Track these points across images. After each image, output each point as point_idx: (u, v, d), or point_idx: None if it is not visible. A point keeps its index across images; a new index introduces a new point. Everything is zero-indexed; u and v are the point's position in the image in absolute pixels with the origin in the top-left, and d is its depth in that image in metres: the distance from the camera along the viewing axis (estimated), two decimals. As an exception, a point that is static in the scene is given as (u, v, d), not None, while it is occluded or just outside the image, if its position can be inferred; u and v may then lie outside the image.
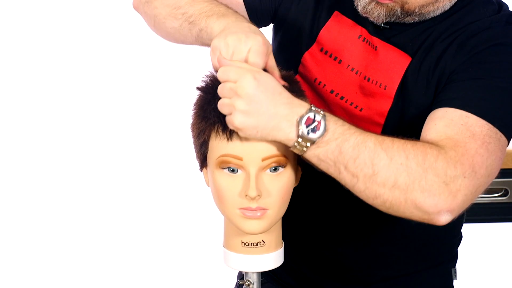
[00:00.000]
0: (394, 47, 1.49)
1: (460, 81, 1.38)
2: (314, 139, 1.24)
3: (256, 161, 1.29)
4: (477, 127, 1.31)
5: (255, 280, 1.40)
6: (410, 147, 1.25)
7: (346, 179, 1.27)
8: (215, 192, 1.34)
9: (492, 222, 2.28)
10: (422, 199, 1.24)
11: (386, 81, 1.49)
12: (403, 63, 1.48)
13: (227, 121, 1.26)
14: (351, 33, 1.53)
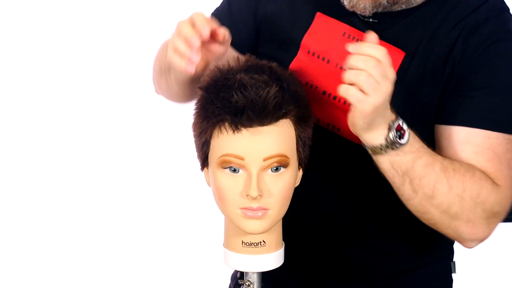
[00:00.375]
0: (386, 42, 1.47)
1: (471, 91, 1.42)
2: (398, 146, 1.32)
3: (257, 161, 1.29)
4: (499, 145, 1.40)
5: (255, 280, 1.40)
6: (468, 179, 1.36)
7: (406, 192, 1.37)
8: (216, 191, 1.34)
9: (492, 222, 2.27)
10: (464, 229, 1.38)
11: None
12: (397, 59, 1.46)
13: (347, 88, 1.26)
14: (336, 32, 1.52)
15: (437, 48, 1.45)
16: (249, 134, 1.29)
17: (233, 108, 1.28)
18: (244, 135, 1.29)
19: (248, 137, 1.29)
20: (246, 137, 1.29)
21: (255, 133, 1.29)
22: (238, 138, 1.29)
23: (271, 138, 1.29)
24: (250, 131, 1.29)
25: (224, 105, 1.29)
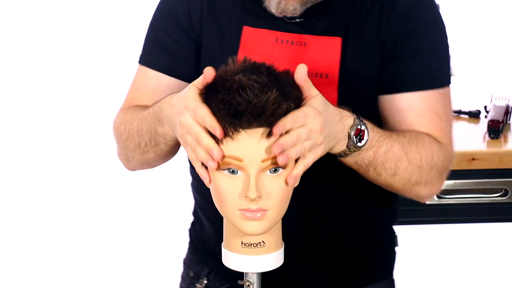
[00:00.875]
0: (321, 35, 1.52)
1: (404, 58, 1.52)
2: (360, 147, 1.39)
3: (256, 162, 1.29)
4: (436, 102, 1.53)
5: (255, 280, 1.40)
6: (421, 148, 1.47)
7: (370, 176, 1.48)
8: (215, 193, 1.33)
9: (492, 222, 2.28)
10: (423, 191, 1.51)
11: (325, 69, 1.53)
12: (335, 46, 1.52)
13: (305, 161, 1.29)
14: (267, 40, 1.54)
15: (366, 26, 1.52)
16: (247, 135, 1.29)
17: (233, 110, 1.28)
18: (243, 136, 1.29)
19: (246, 138, 1.28)
20: (245, 138, 1.28)
21: (253, 135, 1.29)
22: (237, 140, 1.29)
23: (269, 140, 1.29)
24: (248, 132, 1.29)
25: (223, 107, 1.29)
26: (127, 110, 1.57)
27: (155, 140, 1.47)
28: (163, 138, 1.45)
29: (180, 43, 1.58)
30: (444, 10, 2.45)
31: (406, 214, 2.17)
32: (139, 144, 1.51)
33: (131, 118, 1.53)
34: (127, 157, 1.58)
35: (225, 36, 1.56)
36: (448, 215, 2.18)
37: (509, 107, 2.32)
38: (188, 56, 1.58)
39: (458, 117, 2.38)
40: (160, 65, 1.59)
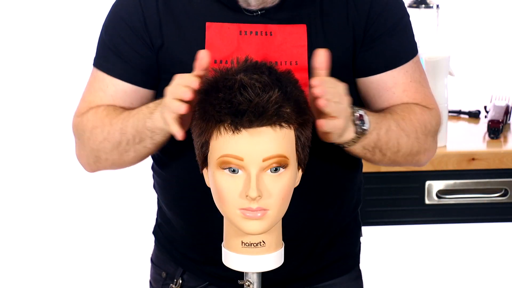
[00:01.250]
0: (285, 24, 1.55)
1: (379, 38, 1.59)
2: (366, 130, 1.45)
3: (257, 162, 1.29)
4: (414, 72, 1.61)
5: (255, 280, 1.40)
6: (414, 120, 1.55)
7: (376, 158, 1.53)
8: (216, 192, 1.33)
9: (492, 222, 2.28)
10: (423, 158, 1.59)
11: (294, 56, 1.55)
12: (301, 33, 1.56)
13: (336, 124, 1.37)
14: (232, 34, 1.55)
15: (334, 11, 1.57)
16: (248, 134, 1.29)
17: (234, 109, 1.28)
18: (244, 135, 1.29)
19: (247, 137, 1.29)
20: (246, 137, 1.29)
21: (254, 134, 1.29)
22: (238, 139, 1.29)
23: (270, 139, 1.29)
24: (249, 131, 1.29)
25: (224, 106, 1.29)
26: (95, 111, 1.57)
27: (140, 136, 1.49)
28: (150, 133, 1.47)
29: (136, 50, 1.58)
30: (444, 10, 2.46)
31: (406, 214, 2.17)
32: (119, 143, 1.52)
33: (109, 120, 1.54)
34: (98, 158, 1.58)
35: (188, 35, 1.56)
36: (448, 215, 2.18)
37: (509, 107, 2.32)
38: (145, 62, 1.58)
39: (458, 117, 2.38)
40: (117, 71, 1.59)
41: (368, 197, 2.13)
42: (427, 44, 2.43)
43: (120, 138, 1.52)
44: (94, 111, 1.57)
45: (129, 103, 1.58)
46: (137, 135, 1.49)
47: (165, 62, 1.58)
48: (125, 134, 1.51)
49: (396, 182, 2.13)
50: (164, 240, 1.75)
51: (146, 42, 1.57)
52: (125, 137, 1.51)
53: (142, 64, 1.58)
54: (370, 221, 2.17)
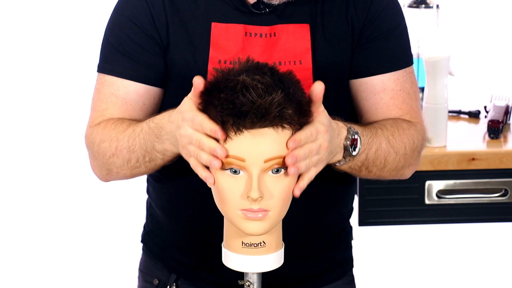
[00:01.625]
0: (289, 23, 1.56)
1: (374, 41, 1.58)
2: (355, 156, 1.45)
3: (258, 163, 1.29)
4: (405, 81, 1.60)
5: (255, 280, 1.40)
6: (404, 137, 1.55)
7: (362, 174, 1.54)
8: (217, 193, 1.33)
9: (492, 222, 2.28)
10: (407, 172, 1.60)
11: (298, 56, 1.55)
12: (304, 33, 1.56)
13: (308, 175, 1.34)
14: (237, 35, 1.55)
15: (334, 11, 1.57)
16: (250, 135, 1.29)
17: (236, 110, 1.28)
18: (246, 136, 1.29)
19: (249, 138, 1.28)
20: (247, 138, 1.28)
21: (256, 135, 1.29)
22: (239, 140, 1.29)
23: (272, 140, 1.29)
24: (251, 132, 1.29)
25: (226, 106, 1.29)
26: (105, 125, 1.55)
27: (151, 156, 1.48)
28: (161, 155, 1.46)
29: (146, 48, 1.56)
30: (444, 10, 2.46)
31: (406, 214, 2.17)
32: (128, 160, 1.51)
33: (116, 135, 1.52)
34: (109, 171, 1.56)
35: (194, 35, 1.56)
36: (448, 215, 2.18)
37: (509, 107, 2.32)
38: (156, 60, 1.57)
39: (458, 117, 2.38)
40: (127, 72, 1.57)
41: (368, 197, 2.13)
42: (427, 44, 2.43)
43: (129, 156, 1.51)
44: (104, 124, 1.55)
45: (142, 104, 1.57)
46: (147, 155, 1.48)
47: (171, 62, 1.57)
48: (134, 152, 1.50)
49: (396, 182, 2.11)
50: (155, 247, 1.74)
51: (156, 40, 1.56)
52: (134, 155, 1.50)
53: (154, 63, 1.57)
54: (370, 221, 2.17)
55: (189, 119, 1.32)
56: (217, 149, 1.28)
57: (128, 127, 1.51)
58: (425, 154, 2.11)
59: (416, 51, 2.43)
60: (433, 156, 2.11)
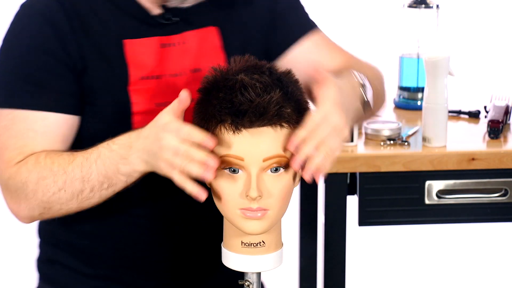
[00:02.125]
0: (197, 29, 1.54)
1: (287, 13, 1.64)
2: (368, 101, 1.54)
3: (257, 162, 1.29)
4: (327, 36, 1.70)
5: (255, 280, 1.40)
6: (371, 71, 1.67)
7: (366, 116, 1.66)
8: (215, 192, 1.33)
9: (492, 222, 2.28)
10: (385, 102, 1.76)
11: (214, 60, 1.53)
12: (213, 36, 1.55)
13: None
14: (153, 47, 1.52)
15: (244, 10, 1.58)
16: (249, 134, 1.29)
17: (235, 109, 1.28)
18: (244, 135, 1.29)
19: (248, 137, 1.29)
20: (246, 137, 1.29)
21: (255, 134, 1.29)
22: (238, 139, 1.29)
23: (271, 139, 1.29)
24: (250, 131, 1.29)
25: (225, 106, 1.29)
26: (35, 161, 1.43)
27: (111, 181, 1.40)
28: (126, 177, 1.39)
29: (59, 75, 1.46)
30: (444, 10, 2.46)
31: (406, 214, 2.17)
32: (80, 191, 1.42)
33: (60, 168, 1.41)
34: (48, 209, 1.45)
35: (109, 56, 1.49)
36: (448, 215, 2.18)
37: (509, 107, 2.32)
38: (71, 87, 1.47)
39: (458, 117, 2.38)
40: (43, 104, 1.45)
41: (368, 197, 2.13)
42: (427, 44, 2.43)
43: (82, 187, 1.41)
44: (34, 160, 1.43)
45: (62, 135, 1.47)
46: (106, 182, 1.40)
47: (89, 86, 1.49)
48: (89, 182, 1.41)
49: (396, 182, 2.13)
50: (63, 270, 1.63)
51: (68, 65, 1.47)
52: (89, 185, 1.41)
53: (69, 89, 1.47)
54: (370, 221, 2.16)
55: (173, 129, 1.29)
56: (209, 160, 1.26)
57: (75, 157, 1.41)
58: (425, 154, 2.11)
59: (416, 51, 2.43)
60: (433, 156, 2.11)
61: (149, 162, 1.35)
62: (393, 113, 2.42)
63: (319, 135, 1.30)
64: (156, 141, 1.31)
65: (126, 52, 1.50)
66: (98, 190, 1.42)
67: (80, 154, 1.42)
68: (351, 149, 2.12)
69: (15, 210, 1.47)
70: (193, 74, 1.55)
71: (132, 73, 1.51)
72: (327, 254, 2.20)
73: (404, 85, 2.45)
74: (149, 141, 1.33)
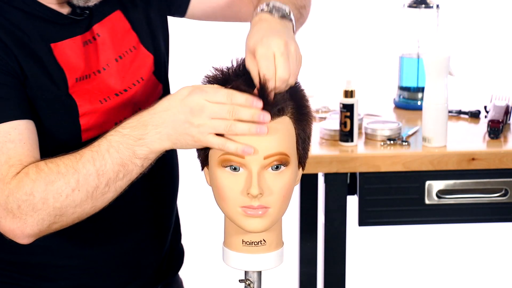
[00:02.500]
0: (104, 18, 1.53)
1: None
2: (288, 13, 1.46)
3: (258, 159, 1.29)
4: None
5: (256, 279, 1.40)
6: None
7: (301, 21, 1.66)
8: (217, 190, 1.33)
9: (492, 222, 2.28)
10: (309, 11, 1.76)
11: (130, 43, 1.56)
12: (120, 19, 1.56)
13: None
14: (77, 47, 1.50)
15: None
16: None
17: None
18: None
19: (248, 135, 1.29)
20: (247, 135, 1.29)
21: (255, 132, 1.29)
22: (239, 137, 1.29)
23: (271, 137, 1.29)
24: (250, 129, 1.29)
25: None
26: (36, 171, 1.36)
27: (127, 169, 1.35)
28: (142, 160, 1.34)
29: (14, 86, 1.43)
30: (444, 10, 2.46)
31: (406, 214, 2.17)
32: (96, 187, 1.36)
33: (69, 168, 1.36)
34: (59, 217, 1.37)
35: (43, 62, 1.47)
36: (448, 215, 2.18)
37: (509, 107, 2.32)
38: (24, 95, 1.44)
39: (458, 117, 2.38)
40: (10, 115, 1.41)
41: (368, 197, 2.13)
42: (427, 44, 2.43)
43: (98, 181, 1.35)
44: (35, 169, 1.37)
45: (34, 139, 1.42)
46: (122, 170, 1.35)
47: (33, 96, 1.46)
48: (104, 174, 1.35)
49: (396, 182, 2.13)
50: None
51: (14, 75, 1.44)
52: (104, 178, 1.35)
53: (24, 96, 1.44)
54: (370, 221, 2.17)
55: (209, 91, 1.27)
56: (261, 114, 1.26)
57: (83, 154, 1.36)
58: (425, 154, 2.12)
59: (416, 51, 2.44)
60: (433, 156, 2.11)
61: (172, 135, 1.31)
62: (393, 113, 2.42)
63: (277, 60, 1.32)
64: (183, 108, 1.28)
65: (56, 57, 1.48)
66: (114, 181, 1.36)
67: (87, 149, 1.36)
68: (351, 149, 2.12)
69: (16, 229, 1.37)
70: (118, 63, 1.55)
71: (68, 76, 1.49)
72: (327, 254, 2.20)
73: (404, 85, 2.45)
74: (171, 112, 1.30)
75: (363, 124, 2.22)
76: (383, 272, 3.30)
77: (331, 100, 2.43)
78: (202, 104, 1.28)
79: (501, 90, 2.45)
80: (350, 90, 2.12)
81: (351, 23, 3.52)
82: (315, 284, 2.37)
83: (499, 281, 3.27)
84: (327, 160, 2.10)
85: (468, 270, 3.30)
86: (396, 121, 2.27)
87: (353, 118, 2.11)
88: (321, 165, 2.10)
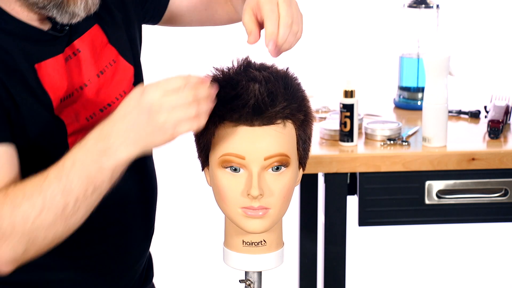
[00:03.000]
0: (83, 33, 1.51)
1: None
2: None
3: (258, 160, 1.29)
4: None
5: (256, 279, 1.40)
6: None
7: None
8: (217, 191, 1.34)
9: (492, 222, 2.28)
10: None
11: (110, 57, 1.55)
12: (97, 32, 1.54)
13: None
14: (60, 65, 1.47)
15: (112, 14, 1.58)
16: (250, 133, 1.29)
17: (235, 108, 1.28)
18: (246, 134, 1.29)
19: (249, 136, 1.29)
20: (247, 136, 1.29)
21: (256, 132, 1.29)
22: (239, 138, 1.29)
23: (272, 138, 1.30)
24: (251, 130, 1.29)
25: (226, 104, 1.29)
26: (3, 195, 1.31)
27: (96, 183, 1.29)
28: (111, 172, 1.28)
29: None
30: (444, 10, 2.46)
31: (406, 214, 2.17)
32: (64, 207, 1.29)
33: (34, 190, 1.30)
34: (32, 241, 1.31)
35: (30, 85, 1.43)
36: (448, 215, 2.18)
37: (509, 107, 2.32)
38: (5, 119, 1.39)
39: (458, 117, 2.38)
40: None
41: (368, 197, 2.13)
42: (427, 44, 2.43)
43: (65, 200, 1.28)
44: (2, 194, 1.31)
45: (15, 166, 1.37)
46: (90, 185, 1.29)
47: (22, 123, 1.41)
48: (71, 192, 1.28)
49: (396, 182, 2.13)
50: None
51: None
52: (72, 196, 1.29)
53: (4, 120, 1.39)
54: (370, 221, 2.17)
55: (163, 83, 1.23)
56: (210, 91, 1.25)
57: (48, 174, 1.31)
58: (425, 154, 2.12)
59: (416, 51, 2.44)
60: (433, 156, 2.11)
61: (139, 141, 1.26)
62: (393, 113, 2.43)
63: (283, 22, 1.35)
64: (142, 110, 1.24)
65: (40, 78, 1.44)
66: (83, 199, 1.29)
67: (52, 169, 1.30)
68: (351, 149, 2.12)
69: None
70: (99, 79, 1.52)
71: (53, 97, 1.45)
72: (327, 254, 2.20)
73: (404, 85, 2.45)
74: (131, 117, 1.25)
75: (363, 124, 2.22)
76: (383, 272, 3.30)
77: (331, 100, 2.43)
78: (158, 99, 1.23)
79: (501, 90, 2.46)
80: (350, 90, 2.12)
81: (351, 23, 3.52)
82: (315, 284, 2.37)
83: (499, 281, 3.27)
84: (327, 160, 2.10)
85: (468, 270, 3.30)
86: (396, 121, 2.27)
87: (353, 118, 2.11)
88: (321, 165, 2.10)
